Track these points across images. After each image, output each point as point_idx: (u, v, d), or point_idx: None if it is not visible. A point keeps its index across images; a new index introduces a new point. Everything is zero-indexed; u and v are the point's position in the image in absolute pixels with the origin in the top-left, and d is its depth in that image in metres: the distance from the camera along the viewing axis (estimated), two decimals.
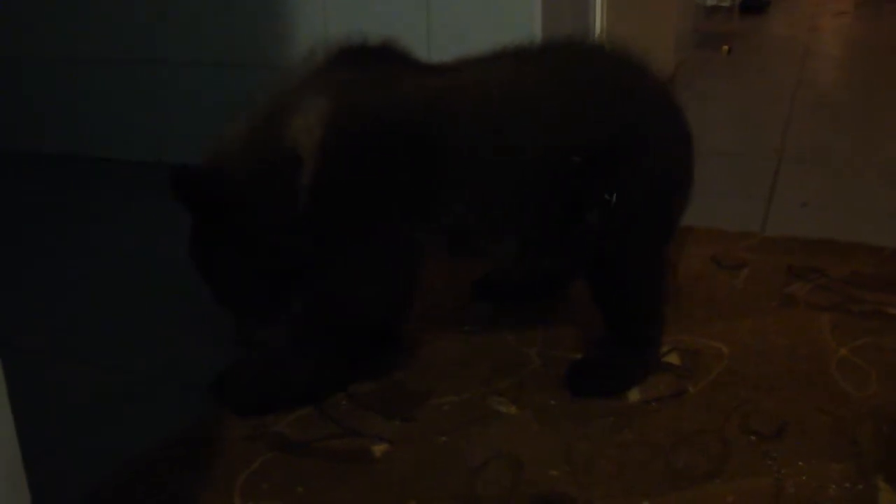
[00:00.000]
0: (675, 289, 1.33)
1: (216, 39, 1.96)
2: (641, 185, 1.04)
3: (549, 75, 1.07)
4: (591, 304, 1.11)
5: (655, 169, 1.05)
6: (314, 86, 1.04)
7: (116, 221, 1.76)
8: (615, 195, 1.02)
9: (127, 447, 0.99)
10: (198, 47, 1.98)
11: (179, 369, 1.17)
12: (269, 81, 1.08)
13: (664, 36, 2.82)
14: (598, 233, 1.03)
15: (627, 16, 2.24)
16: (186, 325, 1.30)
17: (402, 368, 1.13)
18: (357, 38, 1.09)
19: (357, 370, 1.09)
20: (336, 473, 0.94)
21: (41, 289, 1.45)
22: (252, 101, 1.07)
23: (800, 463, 0.93)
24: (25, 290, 1.45)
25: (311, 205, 1.01)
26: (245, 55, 1.93)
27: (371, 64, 1.07)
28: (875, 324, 1.21)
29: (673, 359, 1.14)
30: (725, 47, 3.38)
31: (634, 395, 1.07)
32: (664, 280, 1.13)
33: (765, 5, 4.55)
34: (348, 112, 1.01)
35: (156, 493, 0.92)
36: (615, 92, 1.06)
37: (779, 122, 2.33)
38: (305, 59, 1.08)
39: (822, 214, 1.65)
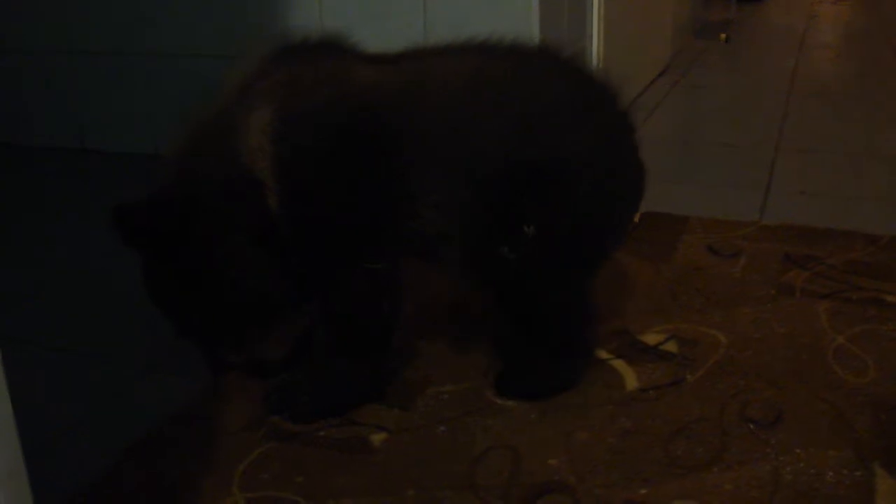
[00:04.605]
0: (671, 277, 1.33)
1: (213, 31, 1.95)
2: (565, 224, 0.98)
3: (505, 87, 0.99)
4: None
5: (586, 209, 0.99)
6: (256, 94, 0.95)
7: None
8: (533, 228, 0.96)
9: (125, 438, 0.99)
10: (194, 39, 1.98)
11: (177, 358, 1.17)
12: (205, 87, 0.99)
13: (662, 24, 2.81)
14: (513, 260, 0.98)
15: (625, 4, 2.24)
16: None
17: (400, 357, 1.13)
18: (297, 35, 1.01)
19: (376, 380, 1.07)
20: (335, 463, 0.94)
21: (37, 280, 1.45)
22: (191, 112, 0.98)
23: (797, 450, 0.93)
24: (20, 281, 1.45)
25: (288, 228, 0.94)
26: (242, 47, 1.92)
27: (313, 61, 0.99)
28: (872, 312, 1.21)
29: (671, 347, 1.14)
30: (723, 35, 3.38)
31: (632, 383, 1.07)
32: (584, 303, 1.06)
33: None
34: (294, 121, 0.93)
35: (155, 484, 0.92)
36: (567, 120, 0.99)
37: (777, 111, 2.32)
38: (243, 58, 1.00)
39: (820, 202, 1.65)
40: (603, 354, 1.13)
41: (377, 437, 0.98)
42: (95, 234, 1.64)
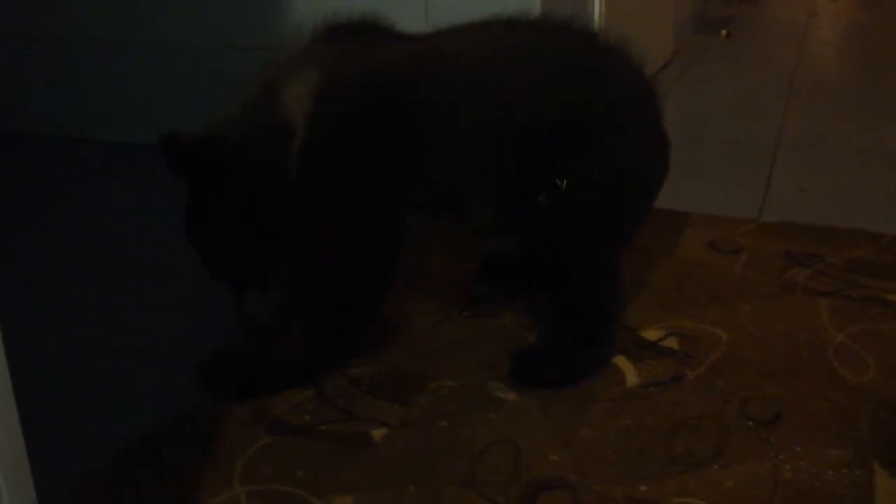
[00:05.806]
0: (673, 273, 1.33)
1: (215, 22, 1.95)
2: (596, 177, 1.04)
3: (527, 50, 1.08)
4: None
5: (616, 164, 1.05)
6: (304, 60, 1.06)
7: (115, 203, 1.76)
8: (566, 182, 1.02)
9: (126, 429, 0.99)
10: (197, 30, 1.97)
11: (179, 350, 1.17)
12: (262, 60, 1.11)
13: (663, 19, 2.81)
14: (547, 216, 1.04)
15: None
16: (185, 305, 1.30)
17: (401, 352, 1.13)
18: (342, 16, 1.12)
19: (345, 346, 1.09)
20: (336, 457, 0.94)
21: (40, 270, 1.45)
22: (246, 79, 1.09)
23: (798, 448, 0.93)
24: (23, 270, 1.45)
25: (298, 173, 1.02)
26: (244, 37, 1.92)
27: (355, 38, 1.10)
28: (874, 310, 1.21)
29: (671, 344, 1.14)
30: (724, 31, 3.37)
31: (633, 379, 1.07)
32: (616, 279, 1.10)
33: None
34: (335, 82, 1.03)
35: (155, 477, 0.92)
36: (592, 80, 1.07)
37: (777, 108, 2.32)
38: (294, 37, 1.12)
39: (821, 200, 1.65)
40: None
41: (378, 432, 0.98)
42: (96, 224, 1.64)
